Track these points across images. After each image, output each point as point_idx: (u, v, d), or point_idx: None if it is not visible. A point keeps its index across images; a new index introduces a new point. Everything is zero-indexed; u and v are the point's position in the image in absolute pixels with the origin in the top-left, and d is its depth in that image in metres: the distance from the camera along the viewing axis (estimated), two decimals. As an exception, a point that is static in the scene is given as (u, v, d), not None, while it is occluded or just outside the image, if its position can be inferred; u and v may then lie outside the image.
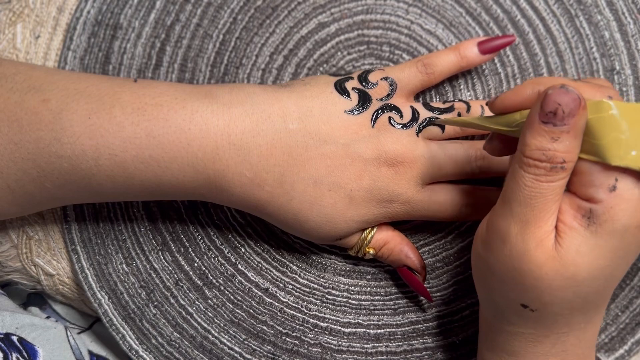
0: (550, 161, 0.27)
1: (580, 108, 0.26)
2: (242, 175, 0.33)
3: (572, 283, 0.28)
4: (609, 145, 0.26)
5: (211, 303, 0.39)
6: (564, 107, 0.26)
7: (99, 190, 0.34)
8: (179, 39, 0.41)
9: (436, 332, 0.39)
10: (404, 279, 0.38)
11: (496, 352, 0.33)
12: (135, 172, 0.33)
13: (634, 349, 0.38)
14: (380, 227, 0.37)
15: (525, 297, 0.29)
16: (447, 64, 0.37)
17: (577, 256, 0.27)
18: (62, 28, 0.42)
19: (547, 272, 0.28)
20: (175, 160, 0.32)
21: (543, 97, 0.26)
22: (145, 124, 0.32)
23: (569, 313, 0.29)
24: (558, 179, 0.27)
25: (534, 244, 0.28)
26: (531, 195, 0.27)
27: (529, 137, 0.27)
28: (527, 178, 0.27)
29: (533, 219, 0.27)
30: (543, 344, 0.31)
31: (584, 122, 0.27)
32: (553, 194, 0.27)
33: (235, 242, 0.40)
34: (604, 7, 0.40)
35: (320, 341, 0.39)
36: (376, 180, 0.34)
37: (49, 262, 0.41)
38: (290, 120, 0.33)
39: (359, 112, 0.35)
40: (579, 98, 0.26)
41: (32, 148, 0.32)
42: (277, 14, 0.41)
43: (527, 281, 0.28)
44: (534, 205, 0.27)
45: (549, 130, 0.26)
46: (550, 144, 0.26)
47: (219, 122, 0.33)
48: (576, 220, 0.27)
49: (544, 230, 0.28)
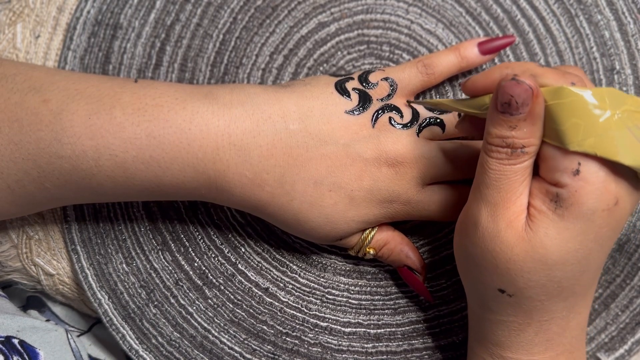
0: (511, 147, 0.28)
1: (534, 97, 0.27)
2: (242, 176, 0.33)
3: (543, 266, 0.28)
4: (567, 131, 0.27)
5: (211, 303, 0.39)
6: (516, 98, 0.27)
7: (99, 191, 0.34)
8: (179, 38, 0.41)
9: (436, 331, 0.39)
10: (405, 279, 0.38)
11: (483, 343, 0.33)
12: (136, 172, 0.33)
13: (634, 348, 0.38)
14: (381, 228, 0.37)
15: (500, 281, 0.30)
16: (447, 64, 0.37)
17: (545, 238, 0.28)
18: (62, 28, 0.42)
19: (518, 252, 0.28)
20: (175, 160, 0.32)
21: (497, 89, 0.28)
22: (145, 124, 0.32)
23: (546, 299, 0.30)
24: (520, 161, 0.28)
25: (504, 224, 0.29)
26: (496, 177, 0.28)
27: (490, 126, 0.28)
28: (491, 162, 0.29)
29: (501, 201, 0.29)
30: (526, 332, 0.31)
31: (541, 108, 0.27)
32: (517, 175, 0.28)
33: (235, 241, 0.40)
34: (604, 6, 0.40)
35: (320, 341, 0.39)
36: (377, 180, 0.34)
37: (49, 262, 0.41)
38: (290, 121, 0.34)
39: (359, 112, 0.35)
40: (530, 88, 0.27)
41: (32, 148, 0.32)
42: (277, 13, 0.41)
43: (500, 263, 0.29)
44: (500, 187, 0.29)
45: (506, 120, 0.28)
46: (509, 131, 0.28)
47: (219, 123, 0.33)
48: (545, 204, 0.28)
49: (512, 211, 0.29)
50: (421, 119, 0.36)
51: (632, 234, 0.39)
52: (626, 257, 0.39)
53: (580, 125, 0.27)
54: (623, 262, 0.39)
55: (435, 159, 0.35)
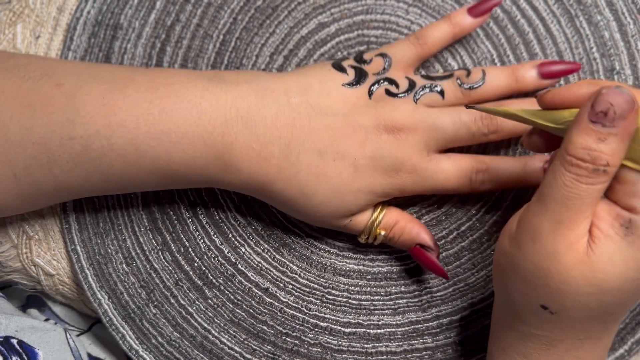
0: (594, 162, 0.26)
1: (633, 111, 0.26)
2: (249, 149, 0.34)
3: (598, 291, 0.27)
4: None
5: (211, 303, 0.39)
6: (615, 108, 0.25)
7: (108, 174, 0.34)
8: (179, 39, 0.41)
9: (436, 332, 0.39)
10: (417, 259, 0.37)
11: (507, 352, 0.32)
12: (147, 149, 0.33)
13: (634, 348, 0.38)
14: (389, 209, 0.37)
15: (546, 298, 0.28)
16: (440, 33, 0.38)
17: (609, 264, 0.27)
18: (62, 28, 0.42)
19: (575, 276, 0.27)
20: (186, 134, 0.33)
21: (596, 96, 0.26)
22: (158, 100, 0.33)
23: (588, 320, 0.29)
24: (598, 182, 0.26)
25: (565, 245, 0.27)
26: (569, 195, 0.27)
27: (575, 135, 0.26)
28: (567, 177, 0.27)
29: (567, 220, 0.27)
30: (557, 348, 0.30)
31: (634, 126, 0.26)
32: (591, 197, 0.27)
33: (235, 242, 0.40)
34: (604, 7, 0.40)
35: (320, 341, 0.39)
36: (378, 147, 0.34)
37: (49, 262, 0.41)
38: (292, 94, 0.35)
39: (356, 85, 0.36)
40: (632, 100, 0.25)
41: (43, 132, 0.33)
42: (277, 14, 0.41)
43: (552, 283, 0.28)
44: (569, 206, 0.27)
45: (597, 131, 0.26)
46: (596, 144, 0.26)
47: (227, 97, 0.34)
48: (613, 229, 0.27)
49: (576, 233, 0.27)
50: (418, 86, 0.36)
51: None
52: (626, 258, 0.39)
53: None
54: (623, 262, 0.39)
55: (436, 123, 0.35)
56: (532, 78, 0.37)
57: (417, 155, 0.35)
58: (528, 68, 0.37)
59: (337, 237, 0.40)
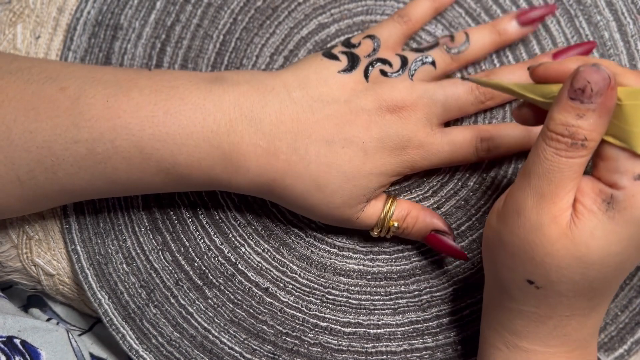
0: (572, 137, 0.27)
1: (609, 88, 0.27)
2: (256, 146, 0.34)
3: (581, 264, 0.28)
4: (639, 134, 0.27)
5: (211, 303, 0.40)
6: (592, 85, 0.27)
7: (112, 177, 0.34)
8: (179, 39, 0.41)
9: (436, 331, 0.39)
10: (434, 245, 0.37)
11: (498, 330, 0.33)
12: (152, 151, 0.33)
13: (633, 348, 0.38)
14: (400, 201, 0.37)
15: (532, 272, 0.29)
16: (422, 9, 0.39)
17: (591, 238, 0.28)
18: (62, 28, 0.42)
19: (559, 249, 0.28)
20: (191, 136, 0.33)
21: (574, 73, 0.27)
22: (162, 103, 0.33)
23: (573, 295, 0.30)
24: (578, 155, 0.28)
25: (548, 218, 0.28)
26: (550, 168, 0.28)
27: (555, 112, 0.28)
28: (548, 151, 0.28)
29: (549, 194, 0.28)
30: (545, 325, 0.31)
31: (612, 103, 0.27)
32: (571, 170, 0.28)
33: (236, 241, 0.40)
34: (604, 7, 0.40)
35: (320, 341, 0.39)
36: (384, 128, 0.35)
37: (49, 262, 0.41)
38: (292, 89, 0.35)
39: (351, 70, 0.36)
40: (609, 78, 0.26)
41: (48, 135, 0.33)
42: (277, 14, 0.41)
43: (537, 256, 0.29)
44: (551, 180, 0.28)
45: (576, 107, 0.27)
46: (574, 120, 0.27)
47: (230, 97, 0.34)
48: (595, 204, 0.28)
49: (559, 206, 0.28)
50: (409, 63, 0.37)
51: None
52: (625, 257, 0.39)
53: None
54: (622, 262, 0.39)
55: (436, 97, 0.36)
56: (514, 28, 0.38)
57: (422, 131, 0.36)
58: (508, 20, 0.39)
59: (337, 237, 0.40)
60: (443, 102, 0.36)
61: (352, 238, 0.40)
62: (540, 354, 0.32)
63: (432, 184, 0.40)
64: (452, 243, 0.37)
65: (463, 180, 0.40)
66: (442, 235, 0.37)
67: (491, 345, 0.34)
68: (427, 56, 0.37)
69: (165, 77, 0.35)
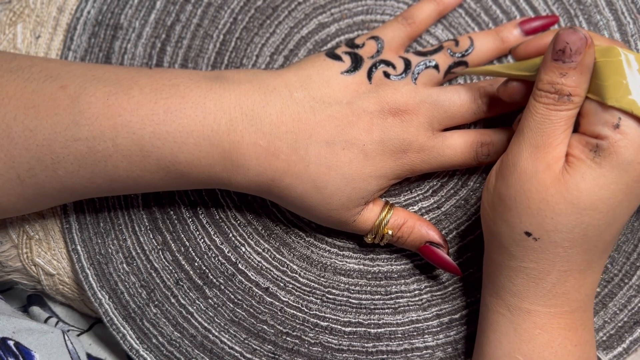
0: (558, 93, 0.30)
1: (587, 47, 0.30)
2: (256, 145, 0.34)
3: (574, 209, 0.30)
4: (610, 87, 0.30)
5: (211, 302, 0.40)
6: (571, 45, 0.30)
7: (113, 175, 0.34)
8: (179, 39, 0.41)
9: (436, 330, 0.39)
10: (428, 258, 0.38)
11: (500, 294, 0.34)
12: (152, 149, 0.33)
13: (632, 347, 0.39)
14: (397, 209, 0.37)
15: (529, 222, 0.31)
16: (426, 11, 0.39)
17: (581, 181, 0.30)
18: (62, 28, 0.42)
19: (553, 193, 0.30)
20: (191, 134, 0.33)
21: (555, 38, 0.30)
22: (163, 101, 0.33)
23: (570, 246, 0.31)
24: (565, 108, 0.31)
25: (542, 166, 0.31)
26: (541, 121, 0.31)
27: (542, 73, 0.31)
28: (538, 107, 0.31)
29: (542, 144, 0.31)
30: (545, 281, 0.32)
31: (591, 60, 0.30)
32: (561, 122, 0.31)
33: (236, 241, 0.40)
34: (604, 7, 0.40)
35: (320, 340, 0.39)
36: (385, 131, 0.35)
37: (49, 262, 0.41)
38: (294, 89, 0.35)
39: (354, 71, 0.36)
40: (585, 37, 0.30)
41: (48, 133, 0.33)
42: (277, 14, 0.41)
43: (532, 203, 0.31)
44: (543, 131, 0.31)
45: (558, 67, 0.30)
46: (559, 78, 0.30)
47: (231, 96, 0.34)
48: (584, 153, 0.30)
49: (552, 155, 0.31)
50: (413, 66, 0.37)
51: (630, 234, 0.39)
52: (624, 257, 0.39)
53: (622, 83, 0.29)
54: (621, 261, 0.39)
55: (438, 102, 0.36)
56: (517, 37, 0.39)
57: (423, 135, 0.36)
58: (511, 28, 0.39)
59: (338, 236, 0.40)
60: (445, 108, 0.36)
61: (352, 238, 0.40)
62: (542, 315, 0.33)
63: (432, 183, 0.40)
64: (445, 256, 0.37)
65: (463, 180, 0.40)
66: (436, 248, 0.37)
67: (494, 312, 0.34)
68: (430, 60, 0.37)
69: (166, 75, 0.35)
